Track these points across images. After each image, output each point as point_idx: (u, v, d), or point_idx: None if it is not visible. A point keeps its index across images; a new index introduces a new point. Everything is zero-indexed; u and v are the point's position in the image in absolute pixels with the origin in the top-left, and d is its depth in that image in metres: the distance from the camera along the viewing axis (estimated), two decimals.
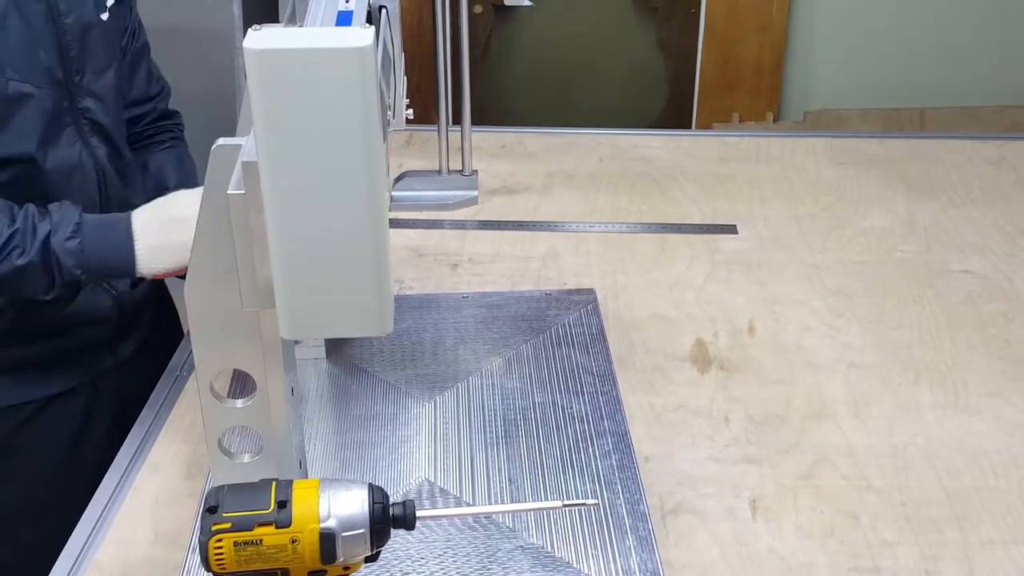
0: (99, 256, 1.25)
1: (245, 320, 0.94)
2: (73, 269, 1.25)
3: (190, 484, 1.21)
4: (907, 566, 1.10)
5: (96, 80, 1.36)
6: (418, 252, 1.67)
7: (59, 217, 1.25)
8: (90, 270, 1.26)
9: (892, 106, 3.14)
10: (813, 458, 1.25)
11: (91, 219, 1.27)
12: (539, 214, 1.79)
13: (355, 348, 1.41)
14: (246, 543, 0.85)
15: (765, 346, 1.45)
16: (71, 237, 1.24)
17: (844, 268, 1.63)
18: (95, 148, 1.37)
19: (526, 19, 3.15)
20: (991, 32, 3.10)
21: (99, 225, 1.26)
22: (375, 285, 0.87)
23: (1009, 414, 1.33)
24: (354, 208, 0.83)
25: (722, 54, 3.12)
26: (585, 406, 1.30)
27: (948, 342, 1.46)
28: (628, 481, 1.18)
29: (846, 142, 2.05)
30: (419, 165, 1.89)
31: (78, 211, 1.26)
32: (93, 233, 1.25)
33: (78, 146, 1.34)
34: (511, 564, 1.08)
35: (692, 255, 1.66)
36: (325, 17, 0.93)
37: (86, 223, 1.26)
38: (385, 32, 1.05)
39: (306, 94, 0.78)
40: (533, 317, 1.48)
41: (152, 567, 1.10)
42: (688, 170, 1.93)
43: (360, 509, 0.87)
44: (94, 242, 1.25)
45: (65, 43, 1.30)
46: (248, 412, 0.99)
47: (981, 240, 1.70)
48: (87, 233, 1.25)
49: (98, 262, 1.25)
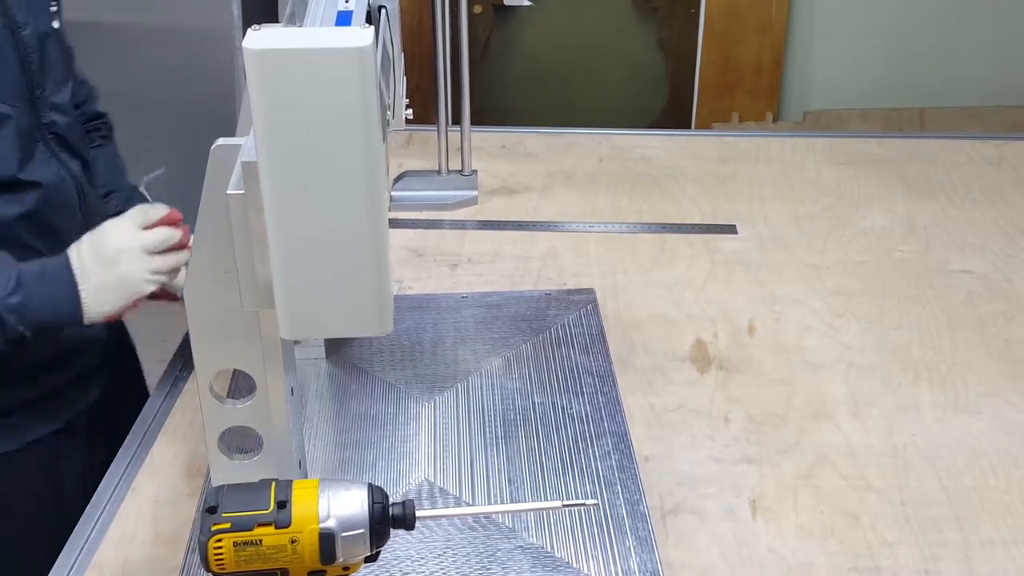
0: (43, 309, 1.18)
1: (245, 320, 0.94)
2: (16, 326, 1.17)
3: (190, 484, 1.21)
4: (907, 566, 1.10)
5: (57, 93, 1.30)
6: (418, 252, 1.67)
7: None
8: (36, 324, 1.18)
9: (892, 106, 3.14)
10: (813, 458, 1.25)
11: (29, 270, 1.19)
12: (539, 214, 1.79)
13: (355, 348, 1.41)
14: (246, 543, 0.85)
15: (765, 346, 1.45)
16: (12, 293, 1.17)
17: (844, 268, 1.63)
18: (66, 162, 1.31)
19: (526, 19, 3.15)
20: (991, 32, 3.10)
21: (40, 275, 1.19)
22: (375, 285, 0.87)
23: (1009, 414, 1.33)
24: (354, 208, 0.83)
25: (722, 54, 3.12)
26: (585, 406, 1.30)
27: (948, 342, 1.46)
28: (628, 481, 1.18)
29: (846, 142, 2.05)
30: (419, 165, 1.89)
31: (16, 264, 1.19)
32: (34, 286, 1.18)
33: (53, 163, 1.29)
34: (511, 564, 1.08)
35: (692, 255, 1.66)
36: (325, 17, 0.94)
37: (25, 275, 1.18)
38: (385, 32, 1.05)
39: (306, 94, 0.78)
40: (533, 317, 1.48)
41: (152, 567, 1.10)
42: (688, 170, 1.93)
43: (360, 509, 0.87)
44: (37, 296, 1.18)
45: (26, 57, 1.24)
46: (248, 412, 0.99)
47: (981, 240, 1.70)
48: (27, 286, 1.18)
49: (42, 316, 1.19)
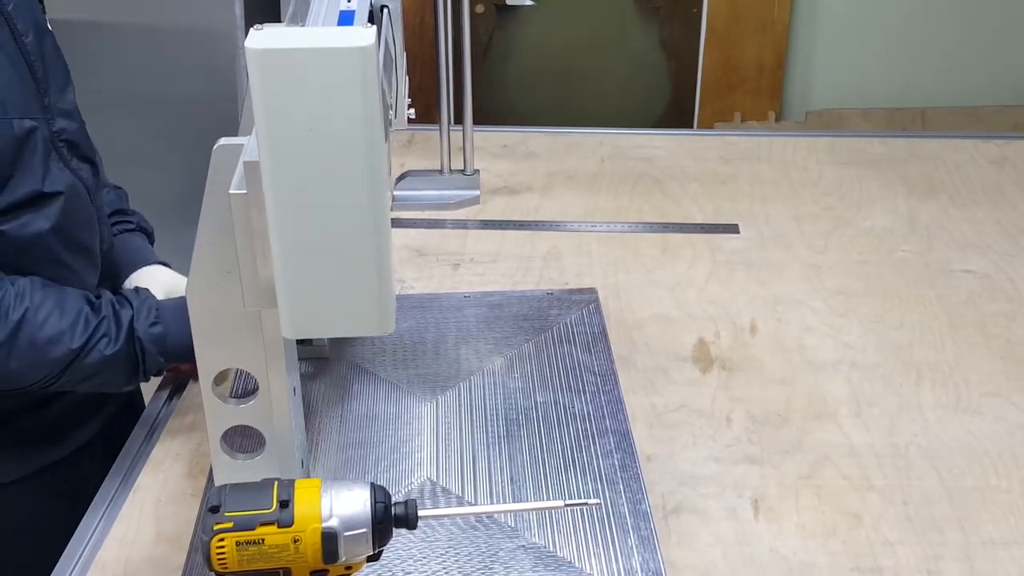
0: (176, 341, 1.21)
1: (247, 320, 0.94)
2: (157, 357, 1.20)
3: (192, 483, 1.21)
4: (908, 566, 1.10)
5: (61, 98, 1.26)
6: (420, 252, 1.67)
7: (138, 303, 1.21)
8: (170, 356, 1.22)
9: (894, 106, 3.14)
10: (815, 458, 1.25)
11: (167, 304, 1.23)
12: (541, 214, 1.79)
13: (357, 347, 1.41)
14: (248, 543, 0.85)
15: (766, 346, 1.45)
16: (155, 323, 1.20)
17: (845, 268, 1.63)
18: (77, 170, 1.27)
19: (528, 19, 3.15)
20: (993, 32, 3.10)
21: (176, 308, 1.21)
22: (377, 285, 0.87)
23: (1010, 414, 1.32)
24: (356, 207, 0.83)
25: (724, 54, 3.11)
26: (587, 405, 1.30)
27: (949, 342, 1.46)
28: (630, 481, 1.18)
29: (848, 142, 2.05)
30: (421, 165, 1.89)
31: (152, 296, 1.23)
32: (172, 317, 1.21)
33: (67, 172, 1.25)
34: (513, 564, 1.08)
35: (694, 255, 1.66)
36: (327, 17, 0.94)
37: (164, 308, 1.22)
38: (387, 32, 1.05)
39: (308, 94, 0.78)
40: (535, 316, 1.48)
41: (154, 566, 1.10)
42: (690, 170, 1.93)
43: (362, 508, 0.87)
44: (175, 326, 1.20)
45: (32, 65, 1.21)
46: (250, 411, 0.99)
47: (983, 240, 1.70)
48: (167, 318, 1.21)
49: (174, 347, 1.21)
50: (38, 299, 1.16)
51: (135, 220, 1.48)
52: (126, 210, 1.48)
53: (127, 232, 1.46)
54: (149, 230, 1.50)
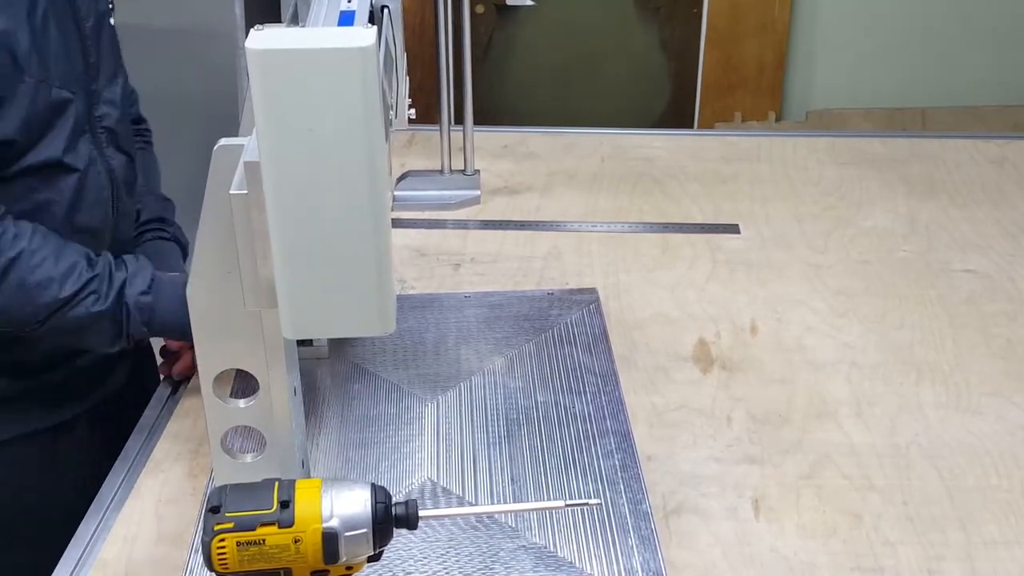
0: (164, 316, 1.23)
1: (247, 320, 0.94)
2: (141, 325, 1.23)
3: (193, 484, 1.21)
4: (909, 566, 1.10)
5: (109, 87, 1.33)
6: (420, 252, 1.67)
7: (134, 269, 1.23)
8: (155, 329, 1.24)
9: (894, 106, 3.14)
10: (815, 458, 1.25)
11: (164, 277, 1.25)
12: (541, 214, 1.79)
13: (357, 348, 1.41)
14: (249, 543, 0.85)
15: (767, 346, 1.45)
16: (145, 292, 1.22)
17: (846, 268, 1.63)
18: (109, 158, 1.32)
19: (528, 19, 3.15)
20: (994, 32, 3.10)
21: (171, 284, 1.24)
22: (377, 285, 0.87)
23: (1011, 414, 1.32)
24: (356, 208, 0.83)
25: (724, 54, 3.12)
26: (587, 406, 1.30)
27: (950, 342, 1.46)
28: (630, 481, 1.18)
29: (848, 142, 2.05)
30: (421, 165, 1.89)
31: (151, 266, 1.25)
32: (165, 291, 1.23)
33: (94, 154, 1.30)
34: (513, 564, 1.08)
35: (694, 255, 1.66)
36: (327, 17, 0.94)
37: (159, 281, 1.24)
38: (387, 32, 1.05)
39: (308, 94, 0.78)
40: (535, 317, 1.48)
41: (155, 566, 1.10)
42: (690, 170, 1.93)
43: (363, 509, 0.87)
44: (167, 302, 1.23)
45: (87, 49, 1.27)
46: (251, 412, 0.99)
47: (983, 240, 1.70)
48: (159, 291, 1.23)
49: (161, 322, 1.23)
50: (37, 243, 1.19)
51: (172, 231, 1.51)
52: (167, 219, 1.51)
53: (160, 239, 1.48)
54: (184, 243, 1.52)
